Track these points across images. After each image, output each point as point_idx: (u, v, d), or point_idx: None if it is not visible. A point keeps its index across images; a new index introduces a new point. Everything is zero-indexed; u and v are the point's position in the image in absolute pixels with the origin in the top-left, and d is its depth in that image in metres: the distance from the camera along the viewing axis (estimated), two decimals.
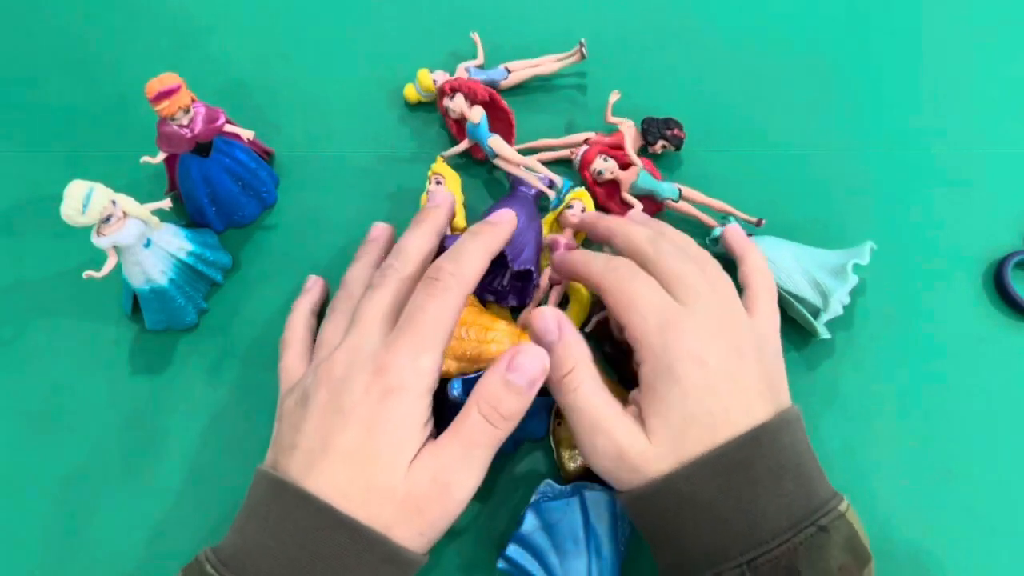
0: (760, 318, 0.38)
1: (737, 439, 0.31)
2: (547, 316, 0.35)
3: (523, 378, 0.30)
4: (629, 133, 0.52)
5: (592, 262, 0.38)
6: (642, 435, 0.32)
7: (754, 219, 0.45)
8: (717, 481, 0.30)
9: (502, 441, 0.31)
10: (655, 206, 0.48)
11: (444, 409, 0.34)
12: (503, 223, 0.38)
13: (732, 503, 0.30)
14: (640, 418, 0.33)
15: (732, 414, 0.32)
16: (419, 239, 0.38)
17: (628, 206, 0.47)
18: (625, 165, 0.45)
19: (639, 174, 0.44)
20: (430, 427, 0.32)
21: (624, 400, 0.35)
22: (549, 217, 0.49)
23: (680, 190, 0.45)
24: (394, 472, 0.30)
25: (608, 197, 0.49)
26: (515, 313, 0.46)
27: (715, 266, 0.38)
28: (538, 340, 0.35)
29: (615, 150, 0.48)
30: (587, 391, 0.34)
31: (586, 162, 0.43)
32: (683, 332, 0.33)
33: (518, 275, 0.44)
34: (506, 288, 0.45)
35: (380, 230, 0.44)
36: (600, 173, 0.42)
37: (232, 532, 0.31)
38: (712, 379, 0.32)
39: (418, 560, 0.31)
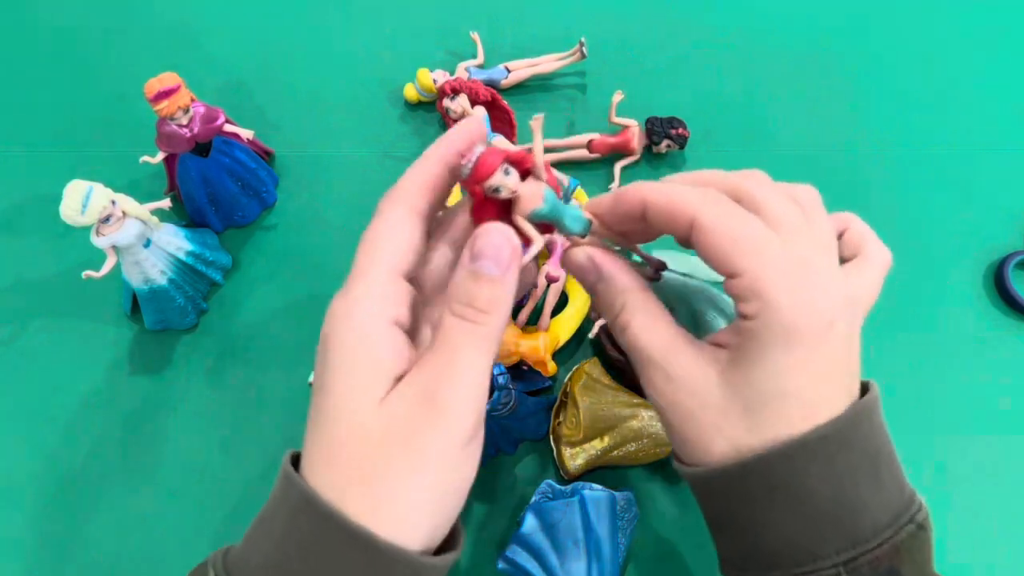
0: (869, 287, 0.34)
1: (839, 419, 0.27)
2: (579, 255, 0.30)
3: (489, 262, 0.25)
4: (634, 133, 0.52)
5: (685, 192, 0.29)
6: (720, 382, 0.28)
7: (655, 260, 0.32)
8: (817, 467, 0.26)
9: (493, 339, 0.26)
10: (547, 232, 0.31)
11: None
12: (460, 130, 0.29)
13: (831, 493, 0.26)
14: (725, 361, 0.28)
15: (835, 390, 0.27)
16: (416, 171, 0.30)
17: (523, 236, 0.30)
18: (526, 173, 0.28)
19: (544, 195, 0.27)
20: (405, 356, 0.26)
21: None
22: None
23: (592, 223, 0.30)
24: (359, 414, 0.25)
25: (488, 218, 0.29)
26: (514, 313, 0.46)
27: (825, 215, 0.32)
28: (581, 283, 0.32)
29: (520, 162, 0.29)
30: (643, 325, 0.29)
31: (482, 175, 0.26)
32: (814, 288, 0.27)
33: None
34: None
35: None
36: (497, 191, 0.26)
37: (247, 533, 0.28)
38: (833, 348, 0.27)
39: (434, 564, 0.25)
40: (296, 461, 0.27)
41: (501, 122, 0.52)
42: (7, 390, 0.46)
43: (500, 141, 0.48)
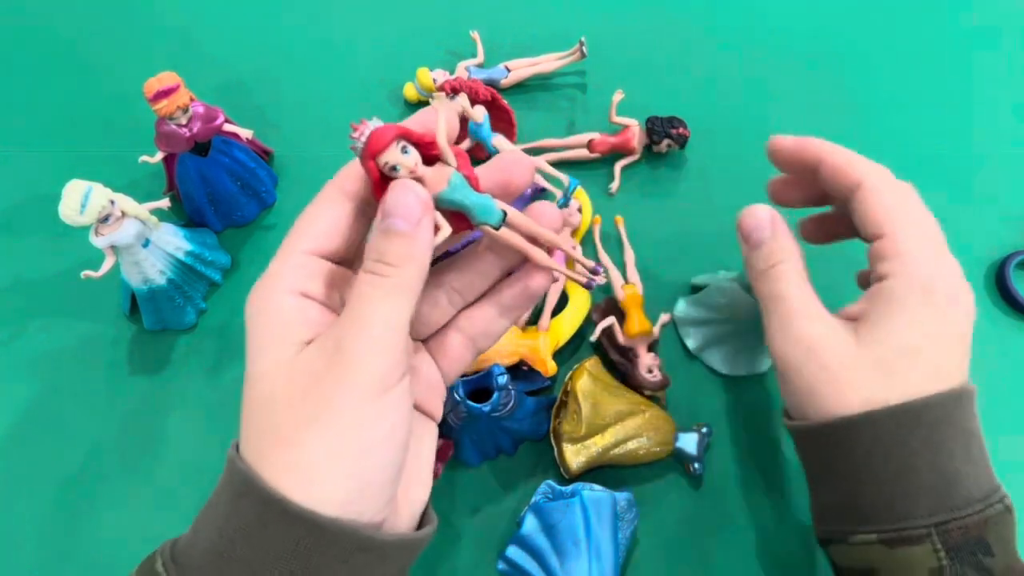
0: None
1: (949, 392, 0.29)
2: (759, 214, 0.34)
3: (398, 219, 0.25)
4: (634, 132, 0.52)
5: (860, 158, 0.34)
6: (851, 340, 0.30)
7: (590, 263, 0.29)
8: (922, 432, 0.28)
9: (404, 291, 0.25)
10: (463, 226, 0.28)
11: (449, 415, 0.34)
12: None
13: (930, 458, 0.28)
14: (855, 327, 0.31)
15: (951, 365, 0.30)
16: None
17: None
18: (432, 159, 0.27)
19: (451, 179, 0.26)
20: (317, 321, 0.26)
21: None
22: None
23: (506, 213, 0.27)
24: (267, 377, 0.24)
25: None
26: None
27: None
28: (748, 238, 0.35)
29: (428, 143, 0.27)
30: (795, 280, 0.33)
31: (374, 149, 0.25)
32: (952, 262, 0.32)
33: None
34: None
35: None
36: (394, 169, 0.25)
37: (194, 520, 0.26)
38: (959, 321, 0.31)
39: (387, 539, 0.24)
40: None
41: (501, 121, 0.52)
42: (6, 390, 0.45)
43: (500, 140, 0.48)
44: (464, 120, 0.51)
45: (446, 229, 0.26)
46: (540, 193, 0.50)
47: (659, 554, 0.40)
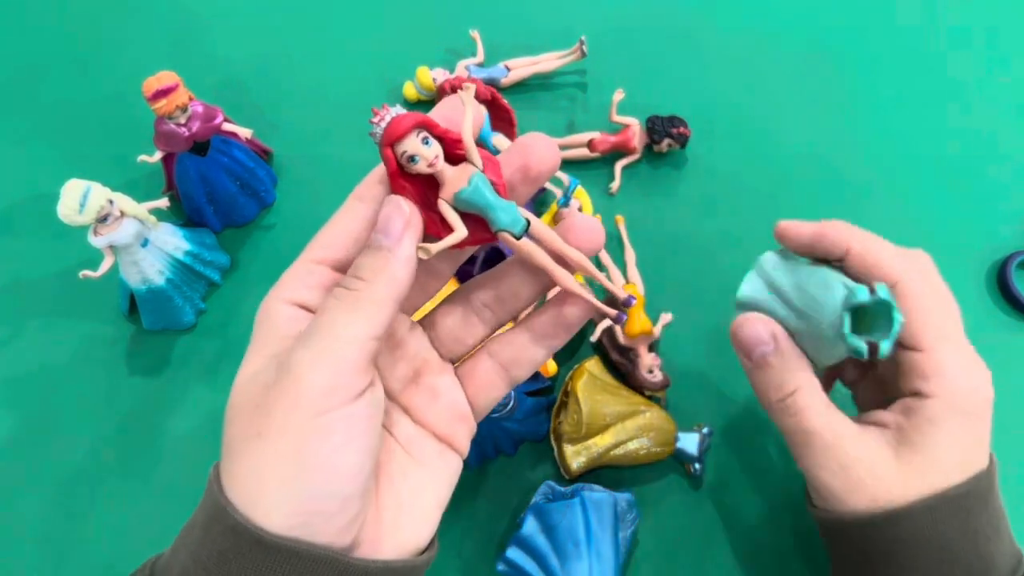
0: None
1: (978, 475, 0.29)
2: (758, 330, 0.31)
3: (379, 234, 0.24)
4: (635, 131, 0.52)
5: (892, 254, 0.32)
6: (891, 460, 0.30)
7: (623, 294, 0.27)
8: (959, 519, 0.28)
9: (368, 306, 0.23)
10: (483, 235, 0.26)
11: None
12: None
13: (969, 545, 0.28)
14: (890, 440, 0.30)
15: (983, 450, 0.31)
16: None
17: (443, 223, 0.25)
18: (457, 159, 0.25)
19: (471, 178, 0.24)
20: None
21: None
22: (546, 217, 0.49)
23: (529, 222, 0.25)
24: (236, 389, 0.25)
25: (407, 196, 0.25)
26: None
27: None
28: (749, 354, 0.32)
29: (453, 140, 0.25)
30: (819, 409, 0.31)
31: (392, 136, 0.23)
32: (980, 372, 0.32)
33: None
34: None
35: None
36: (412, 160, 0.23)
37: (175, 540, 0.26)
38: (989, 419, 0.32)
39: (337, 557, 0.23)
40: None
41: (501, 121, 0.52)
42: (5, 390, 0.45)
43: (500, 140, 0.48)
44: None
45: (460, 231, 0.24)
46: (540, 193, 0.50)
47: (659, 555, 0.40)
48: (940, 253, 0.50)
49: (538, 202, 0.51)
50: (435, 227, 0.25)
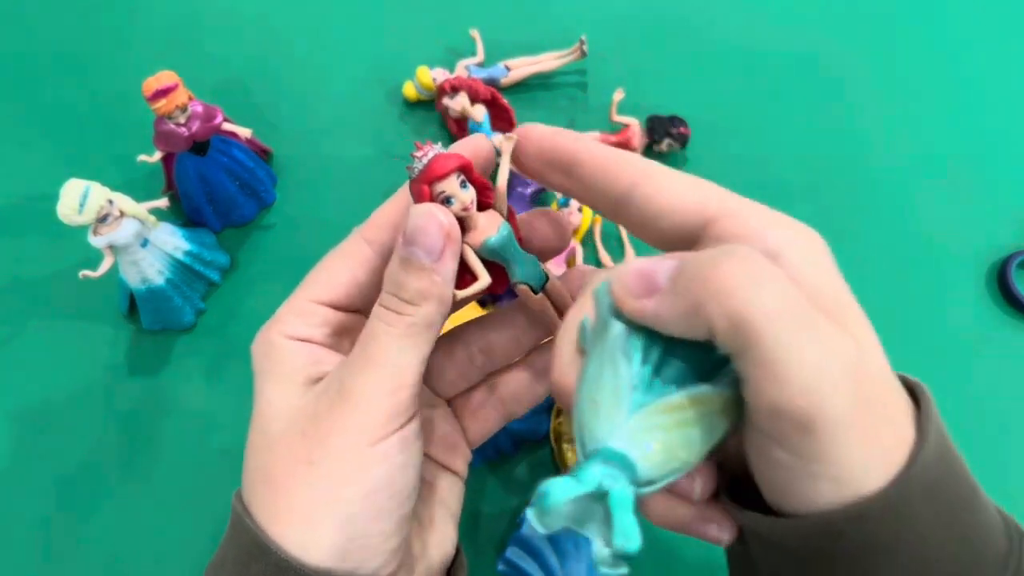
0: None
1: (916, 457, 0.20)
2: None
3: (419, 249, 0.23)
4: (635, 131, 0.52)
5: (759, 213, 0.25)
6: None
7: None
8: (925, 504, 0.20)
9: (420, 331, 0.23)
10: (502, 285, 0.26)
11: None
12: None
13: (954, 533, 0.21)
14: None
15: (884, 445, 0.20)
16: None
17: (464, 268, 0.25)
18: (483, 206, 0.24)
19: (500, 228, 0.24)
20: (324, 361, 0.25)
21: None
22: None
23: (547, 278, 0.25)
24: (266, 418, 0.24)
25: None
26: None
27: None
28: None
29: (483, 186, 0.24)
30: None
31: (433, 175, 0.23)
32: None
33: None
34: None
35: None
36: (448, 200, 0.23)
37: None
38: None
39: None
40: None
41: (501, 120, 0.52)
42: (4, 391, 0.45)
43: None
44: (464, 119, 0.51)
45: (484, 280, 0.24)
46: (540, 192, 0.50)
47: (659, 555, 0.40)
48: (940, 253, 0.51)
49: (538, 202, 0.51)
50: (464, 271, 0.24)
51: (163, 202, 0.44)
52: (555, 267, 0.45)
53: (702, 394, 0.20)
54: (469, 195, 0.23)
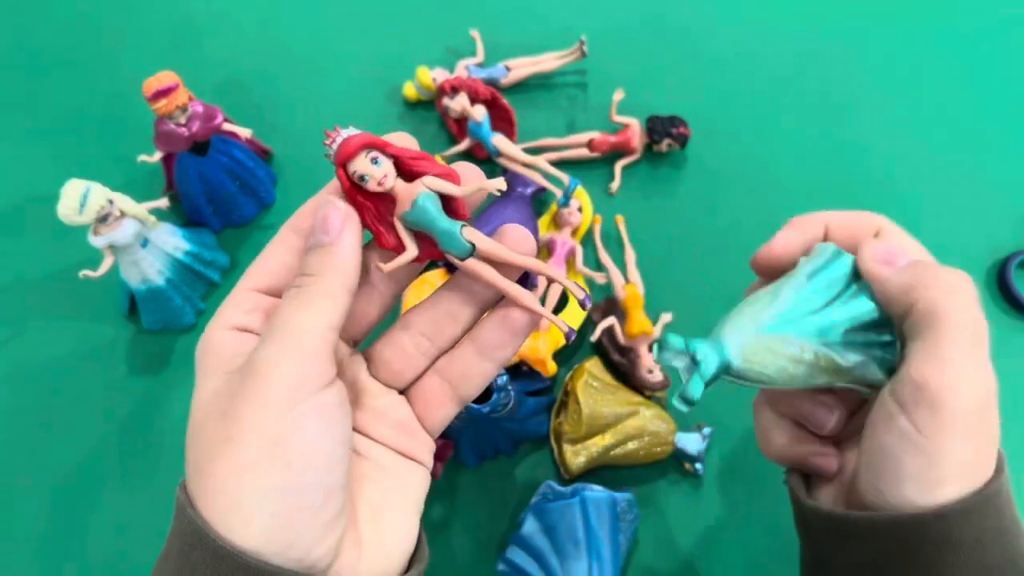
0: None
1: (1001, 476, 0.27)
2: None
3: (319, 234, 0.24)
4: (635, 131, 0.52)
5: (925, 266, 0.29)
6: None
7: (580, 294, 0.25)
8: (991, 519, 0.26)
9: (321, 299, 0.24)
10: (435, 251, 0.25)
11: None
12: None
13: (998, 547, 0.25)
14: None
15: (990, 452, 0.28)
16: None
17: (394, 235, 0.26)
18: (413, 175, 0.25)
19: (416, 200, 0.24)
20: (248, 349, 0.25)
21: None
22: (546, 217, 0.49)
23: (475, 245, 0.25)
24: (196, 405, 0.24)
25: (362, 211, 0.25)
26: None
27: None
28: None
29: (409, 158, 0.25)
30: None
31: (341, 157, 0.24)
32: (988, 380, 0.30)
33: None
34: None
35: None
36: (362, 179, 0.24)
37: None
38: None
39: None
40: None
41: (501, 121, 0.52)
42: (4, 390, 0.45)
43: (500, 140, 0.48)
44: (464, 119, 0.51)
45: (411, 251, 0.25)
46: (540, 193, 0.50)
47: (659, 554, 0.40)
48: (940, 253, 0.50)
49: (538, 202, 0.51)
50: (398, 243, 0.25)
51: (163, 202, 0.44)
52: (555, 267, 0.45)
53: (825, 354, 0.27)
54: (381, 170, 0.24)
